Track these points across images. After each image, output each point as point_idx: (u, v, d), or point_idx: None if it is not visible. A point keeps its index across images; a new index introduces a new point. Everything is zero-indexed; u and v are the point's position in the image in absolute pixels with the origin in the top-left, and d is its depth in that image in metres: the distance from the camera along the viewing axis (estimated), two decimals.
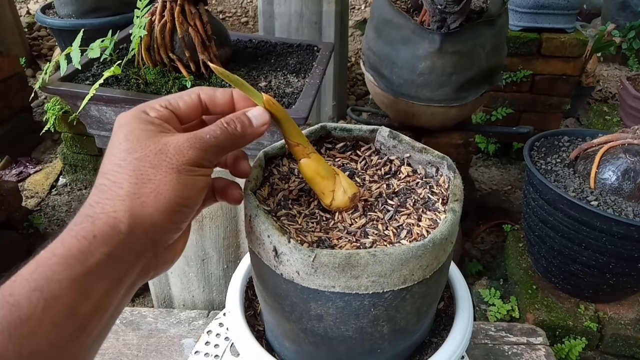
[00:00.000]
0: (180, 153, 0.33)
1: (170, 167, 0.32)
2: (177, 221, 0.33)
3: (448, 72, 1.24)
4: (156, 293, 1.21)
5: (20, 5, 3.43)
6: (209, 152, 0.34)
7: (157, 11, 0.92)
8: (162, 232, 0.32)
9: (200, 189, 0.34)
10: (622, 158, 1.07)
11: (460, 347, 0.50)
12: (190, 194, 0.33)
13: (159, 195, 0.31)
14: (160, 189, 0.32)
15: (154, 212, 0.31)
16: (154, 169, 0.32)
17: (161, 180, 0.32)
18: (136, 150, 0.32)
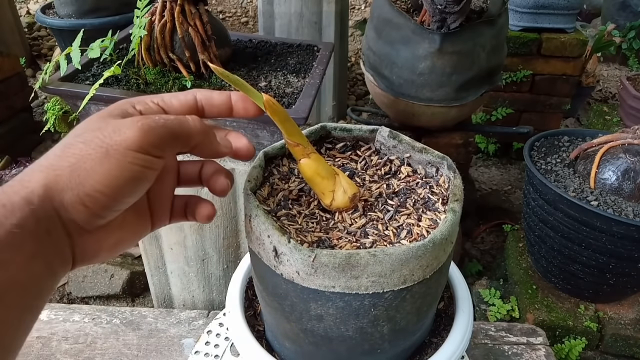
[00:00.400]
0: (116, 131, 0.29)
1: (99, 145, 0.28)
2: (89, 207, 0.28)
3: (448, 72, 1.24)
4: (156, 293, 1.21)
5: (20, 5, 3.43)
6: (153, 135, 0.29)
7: (157, 11, 0.92)
8: (71, 212, 0.28)
9: (130, 180, 0.29)
10: (622, 158, 1.07)
11: (460, 347, 0.50)
12: (113, 182, 0.28)
13: (74, 173, 0.28)
14: (79, 165, 0.28)
15: (65, 189, 0.28)
16: (84, 144, 0.28)
17: (83, 157, 0.28)
18: (80, 128, 0.30)
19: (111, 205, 0.29)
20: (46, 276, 0.28)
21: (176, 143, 0.31)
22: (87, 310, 0.89)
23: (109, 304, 1.52)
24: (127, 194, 0.29)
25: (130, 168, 0.28)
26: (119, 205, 0.30)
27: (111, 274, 1.51)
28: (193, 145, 0.33)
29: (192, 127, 0.32)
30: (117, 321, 0.87)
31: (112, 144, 0.28)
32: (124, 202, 0.30)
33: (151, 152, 0.29)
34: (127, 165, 0.28)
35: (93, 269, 1.52)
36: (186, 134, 0.32)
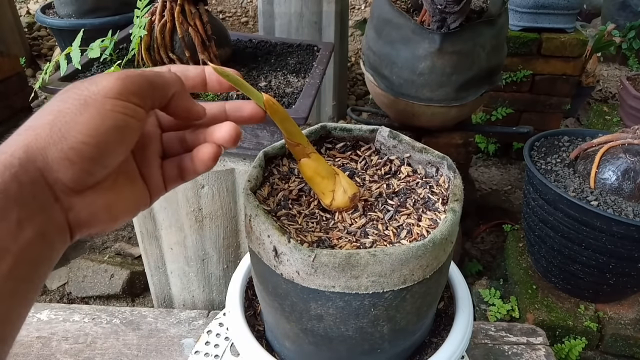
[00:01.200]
0: (93, 83, 0.28)
1: (77, 99, 0.27)
2: (75, 161, 0.27)
3: (448, 72, 1.24)
4: (156, 293, 1.21)
5: (20, 5, 3.43)
6: (130, 82, 0.29)
7: (157, 11, 0.92)
8: (57, 171, 0.27)
9: (113, 129, 0.28)
10: (622, 158, 1.07)
11: (460, 347, 0.50)
12: (96, 131, 0.27)
13: (54, 128, 0.27)
14: (59, 120, 0.27)
15: (47, 145, 0.26)
16: (61, 102, 0.28)
17: (62, 112, 0.27)
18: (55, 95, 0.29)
19: (97, 158, 0.28)
20: (39, 244, 0.27)
21: (154, 92, 0.31)
22: (87, 310, 0.89)
23: (109, 304, 1.52)
24: (112, 143, 0.28)
25: (111, 116, 0.28)
26: (106, 157, 0.29)
27: (111, 274, 1.51)
28: (170, 96, 0.32)
29: (168, 76, 0.32)
30: (117, 321, 0.87)
31: (89, 94, 0.28)
32: (110, 155, 0.29)
33: (131, 100, 0.29)
34: (108, 113, 0.28)
35: (93, 269, 1.52)
36: (163, 82, 0.31)
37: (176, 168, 0.37)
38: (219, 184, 0.95)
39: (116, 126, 0.28)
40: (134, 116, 0.29)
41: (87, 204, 0.29)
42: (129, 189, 0.33)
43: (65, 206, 0.29)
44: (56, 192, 0.28)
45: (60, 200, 0.28)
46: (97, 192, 0.30)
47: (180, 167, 0.37)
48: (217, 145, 0.36)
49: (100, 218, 0.31)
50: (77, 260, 1.57)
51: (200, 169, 0.36)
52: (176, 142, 0.37)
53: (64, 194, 0.28)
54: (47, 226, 0.27)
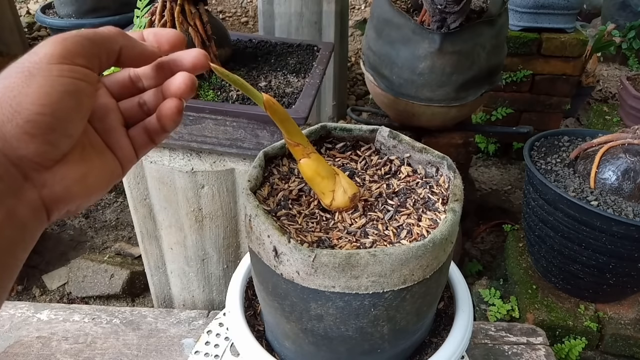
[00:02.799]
0: (33, 54, 0.27)
1: (20, 71, 0.26)
2: (34, 133, 0.26)
3: (448, 72, 1.24)
4: (156, 293, 1.21)
5: (20, 5, 3.43)
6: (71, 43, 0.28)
7: (157, 11, 0.92)
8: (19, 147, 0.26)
9: (65, 94, 0.27)
10: (622, 158, 1.07)
11: (460, 347, 0.50)
12: (48, 99, 0.26)
13: (4, 104, 0.26)
14: (6, 96, 0.26)
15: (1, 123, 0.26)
16: (4, 78, 0.27)
17: (7, 87, 0.26)
18: None
19: (57, 126, 0.27)
20: (11, 227, 0.26)
21: (98, 48, 0.30)
22: (87, 310, 0.89)
23: (109, 304, 1.52)
24: (68, 110, 0.27)
25: (60, 81, 0.27)
26: (66, 125, 0.28)
27: (111, 274, 1.51)
28: (117, 50, 0.31)
29: (107, 30, 0.31)
30: (117, 321, 0.87)
31: (31, 65, 0.27)
32: (69, 122, 0.28)
33: (76, 62, 0.28)
34: (56, 79, 0.27)
35: (93, 269, 1.52)
36: (103, 37, 0.30)
37: (144, 133, 0.36)
38: (219, 184, 0.95)
39: (68, 91, 0.27)
40: (83, 79, 0.28)
41: (60, 178, 0.29)
42: (98, 160, 0.32)
43: (37, 184, 0.28)
44: (24, 170, 0.27)
45: (31, 178, 0.28)
46: (66, 165, 0.29)
47: (148, 131, 0.36)
48: (178, 98, 0.35)
49: (75, 192, 0.30)
50: (77, 260, 1.57)
51: (169, 126, 0.35)
52: (136, 107, 0.36)
53: (34, 170, 0.27)
54: (17, 207, 0.27)
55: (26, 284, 1.56)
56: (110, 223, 1.82)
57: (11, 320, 0.86)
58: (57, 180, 0.29)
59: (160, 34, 0.35)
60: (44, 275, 1.58)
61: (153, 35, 0.35)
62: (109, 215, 1.85)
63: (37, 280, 1.58)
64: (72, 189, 0.30)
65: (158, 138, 0.36)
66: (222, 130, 0.89)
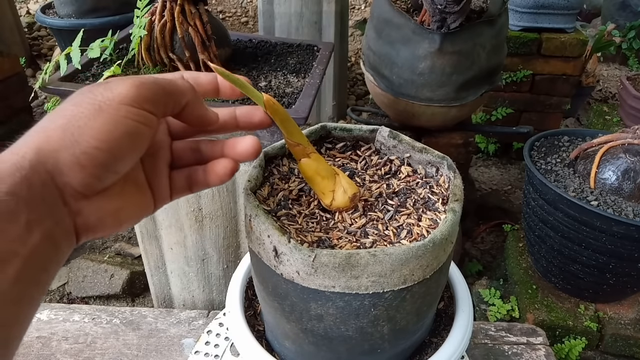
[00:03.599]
0: (108, 89, 0.28)
1: (91, 103, 0.27)
2: (86, 165, 0.27)
3: (448, 72, 1.24)
4: (156, 293, 1.21)
5: (20, 5, 3.43)
6: (145, 89, 0.29)
7: (157, 11, 0.92)
8: (67, 175, 0.27)
9: (126, 135, 0.28)
10: (622, 158, 1.07)
11: (460, 347, 0.50)
12: (109, 136, 0.27)
13: (67, 131, 0.26)
14: (72, 124, 0.27)
15: (59, 149, 0.26)
16: (75, 105, 0.27)
17: (75, 116, 0.27)
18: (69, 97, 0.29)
19: (109, 163, 0.28)
20: (47, 247, 0.27)
21: (167, 100, 0.31)
22: (87, 310, 0.89)
23: (109, 304, 1.52)
24: (124, 149, 0.28)
25: (125, 122, 0.28)
26: (117, 164, 0.29)
27: (111, 274, 1.51)
28: (184, 104, 0.32)
29: (181, 83, 0.32)
30: (117, 321, 0.87)
31: (104, 100, 0.28)
32: (121, 161, 0.29)
33: (144, 107, 0.29)
34: (122, 119, 0.28)
35: (93, 269, 1.52)
36: (176, 90, 0.32)
37: (185, 179, 0.37)
38: None
39: (129, 132, 0.28)
40: (146, 124, 0.29)
41: (95, 209, 0.30)
42: (135, 195, 0.33)
43: (74, 210, 0.29)
44: (65, 196, 0.28)
45: (69, 204, 0.28)
46: (105, 197, 0.30)
47: (190, 179, 0.36)
48: (235, 160, 0.36)
49: (107, 223, 0.31)
50: (77, 260, 1.57)
51: (214, 182, 0.36)
52: (188, 152, 0.37)
53: (73, 198, 0.28)
54: (54, 229, 0.27)
55: None
56: None
57: None
58: (92, 211, 0.29)
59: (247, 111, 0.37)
60: None
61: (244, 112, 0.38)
62: None
63: None
64: (105, 220, 0.30)
65: (197, 188, 0.37)
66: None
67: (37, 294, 0.27)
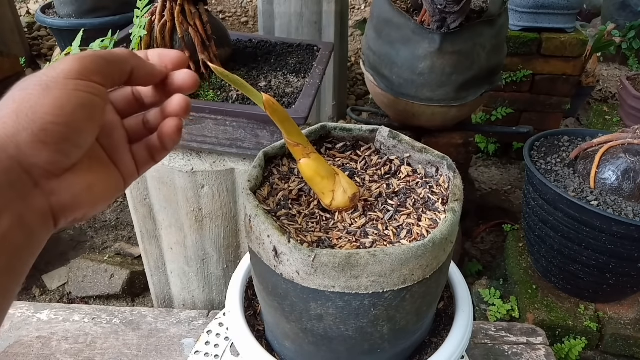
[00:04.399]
0: (51, 69, 0.29)
1: (38, 84, 0.28)
2: (48, 142, 0.28)
3: (448, 72, 1.24)
4: (156, 293, 1.21)
5: (20, 5, 3.43)
6: (88, 61, 0.30)
7: (157, 11, 0.92)
8: (32, 155, 0.27)
9: (81, 107, 0.29)
10: (622, 158, 1.07)
11: (460, 347, 0.50)
12: (63, 110, 0.28)
13: (21, 113, 0.27)
14: (23, 106, 0.27)
15: (16, 132, 0.27)
16: (21, 90, 0.28)
17: (24, 98, 0.28)
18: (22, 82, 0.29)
19: (69, 136, 0.29)
20: (18, 233, 0.27)
21: (112, 68, 0.32)
22: (87, 310, 0.89)
23: (109, 304, 1.52)
24: (81, 121, 0.29)
25: (75, 94, 0.29)
26: (78, 136, 0.29)
27: (111, 274, 1.51)
28: (129, 70, 0.33)
29: (121, 51, 0.33)
30: (117, 321, 0.87)
31: (49, 79, 0.28)
32: (81, 133, 0.29)
33: (92, 79, 0.30)
34: (71, 92, 0.29)
35: (93, 269, 1.52)
36: (117, 57, 0.32)
37: (145, 150, 0.38)
38: (219, 184, 0.95)
39: (82, 104, 0.29)
40: (96, 94, 0.30)
41: (68, 186, 0.30)
42: (103, 172, 0.34)
43: (46, 191, 0.29)
44: (34, 177, 0.28)
45: (40, 185, 0.29)
46: (75, 174, 0.31)
47: (149, 148, 0.38)
48: (177, 117, 0.37)
49: (82, 200, 0.31)
50: (77, 260, 1.57)
51: (169, 144, 0.37)
52: (140, 125, 0.38)
53: (44, 178, 0.29)
54: (25, 213, 0.27)
55: (26, 284, 1.56)
56: (110, 223, 1.82)
57: (11, 320, 0.86)
58: (65, 188, 0.30)
59: (164, 54, 0.38)
60: (44, 275, 1.58)
61: (157, 56, 0.37)
62: (109, 215, 1.85)
63: (37, 280, 1.58)
64: (79, 198, 0.31)
65: (159, 156, 0.38)
66: (222, 130, 0.89)
67: (11, 283, 0.27)
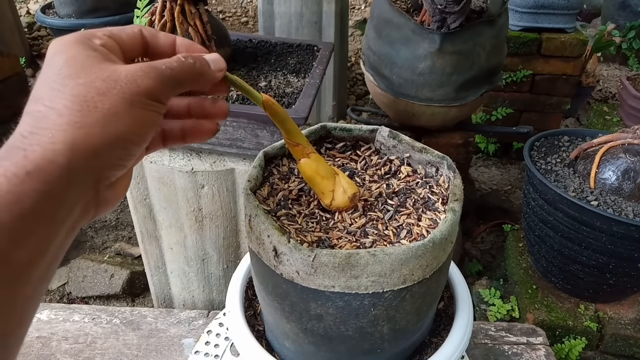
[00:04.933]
0: (133, 82, 0.30)
1: (121, 97, 0.29)
2: (122, 157, 0.30)
3: (448, 72, 1.24)
4: (156, 293, 1.21)
5: (20, 5, 3.43)
6: (164, 83, 0.31)
7: (157, 11, 0.92)
8: (106, 168, 0.29)
9: (152, 125, 0.31)
10: (622, 158, 1.07)
11: (460, 347, 0.50)
12: (140, 129, 0.30)
13: (107, 127, 0.28)
14: (109, 119, 0.28)
15: (100, 144, 0.27)
16: (102, 96, 0.28)
17: (110, 110, 0.28)
18: (79, 76, 0.28)
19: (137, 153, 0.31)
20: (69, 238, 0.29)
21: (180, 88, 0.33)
22: (87, 310, 0.89)
23: (109, 304, 1.52)
24: (148, 138, 0.31)
25: (151, 114, 0.30)
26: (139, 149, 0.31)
27: (111, 274, 1.51)
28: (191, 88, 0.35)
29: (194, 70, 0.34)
30: (117, 321, 0.87)
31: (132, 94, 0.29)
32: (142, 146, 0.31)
33: (161, 99, 0.31)
34: (149, 113, 0.30)
35: (93, 269, 1.52)
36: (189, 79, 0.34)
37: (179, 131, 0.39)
38: (219, 184, 0.95)
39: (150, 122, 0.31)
40: (160, 111, 0.32)
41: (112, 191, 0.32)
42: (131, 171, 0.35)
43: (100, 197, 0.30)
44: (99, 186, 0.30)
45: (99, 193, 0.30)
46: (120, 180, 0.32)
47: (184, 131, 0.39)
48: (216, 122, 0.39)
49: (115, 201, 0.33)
50: (77, 260, 1.57)
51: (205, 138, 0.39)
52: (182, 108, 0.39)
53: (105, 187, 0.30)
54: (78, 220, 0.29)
55: None
56: (110, 223, 1.82)
57: None
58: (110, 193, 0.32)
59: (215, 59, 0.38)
60: None
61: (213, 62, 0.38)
62: (109, 215, 1.85)
63: None
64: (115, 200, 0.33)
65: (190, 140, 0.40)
66: (222, 130, 0.89)
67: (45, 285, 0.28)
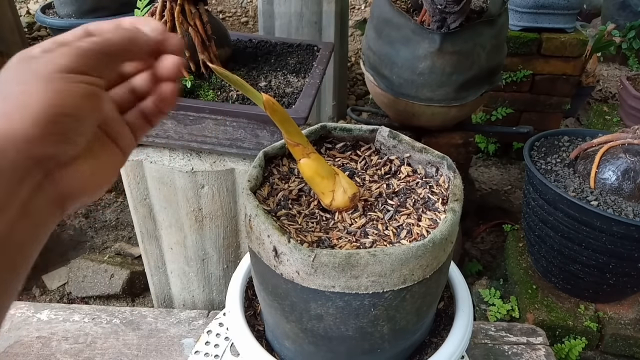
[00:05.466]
0: (49, 62, 0.30)
1: (36, 78, 0.29)
2: (56, 132, 0.29)
3: (448, 72, 1.24)
4: (156, 293, 1.21)
5: (20, 5, 3.43)
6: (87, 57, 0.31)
7: (157, 11, 0.92)
8: (41, 145, 0.28)
9: (82, 96, 0.30)
10: (622, 158, 1.07)
11: (460, 347, 0.50)
12: (66, 101, 0.29)
13: (27, 108, 0.28)
14: (27, 101, 0.28)
15: (23, 126, 0.28)
16: (19, 84, 0.29)
17: (26, 92, 0.28)
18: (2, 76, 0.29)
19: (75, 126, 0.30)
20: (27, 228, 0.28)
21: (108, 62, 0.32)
22: (87, 310, 0.89)
23: (109, 304, 1.52)
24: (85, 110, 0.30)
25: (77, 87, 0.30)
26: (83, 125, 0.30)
27: (111, 274, 1.51)
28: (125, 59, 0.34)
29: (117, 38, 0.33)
30: (117, 321, 0.87)
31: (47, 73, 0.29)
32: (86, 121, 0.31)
33: (87, 72, 0.31)
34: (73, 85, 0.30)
35: (93, 269, 1.52)
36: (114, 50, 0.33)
37: (140, 117, 0.38)
38: (219, 184, 0.95)
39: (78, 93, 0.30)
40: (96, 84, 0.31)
41: (75, 172, 0.31)
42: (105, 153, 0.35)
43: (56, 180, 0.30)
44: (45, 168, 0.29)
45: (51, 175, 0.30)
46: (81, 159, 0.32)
47: (144, 114, 0.38)
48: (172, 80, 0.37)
49: (89, 184, 0.32)
50: (77, 260, 1.57)
51: (167, 108, 0.37)
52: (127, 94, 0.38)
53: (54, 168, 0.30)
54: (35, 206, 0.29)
55: (26, 284, 1.56)
56: (110, 223, 1.82)
57: (11, 320, 0.86)
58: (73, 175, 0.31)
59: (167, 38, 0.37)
60: (44, 275, 1.58)
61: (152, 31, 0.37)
62: (109, 215, 1.85)
63: (37, 280, 1.58)
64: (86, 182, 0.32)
65: (155, 119, 0.38)
66: (222, 130, 0.89)
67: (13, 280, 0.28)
